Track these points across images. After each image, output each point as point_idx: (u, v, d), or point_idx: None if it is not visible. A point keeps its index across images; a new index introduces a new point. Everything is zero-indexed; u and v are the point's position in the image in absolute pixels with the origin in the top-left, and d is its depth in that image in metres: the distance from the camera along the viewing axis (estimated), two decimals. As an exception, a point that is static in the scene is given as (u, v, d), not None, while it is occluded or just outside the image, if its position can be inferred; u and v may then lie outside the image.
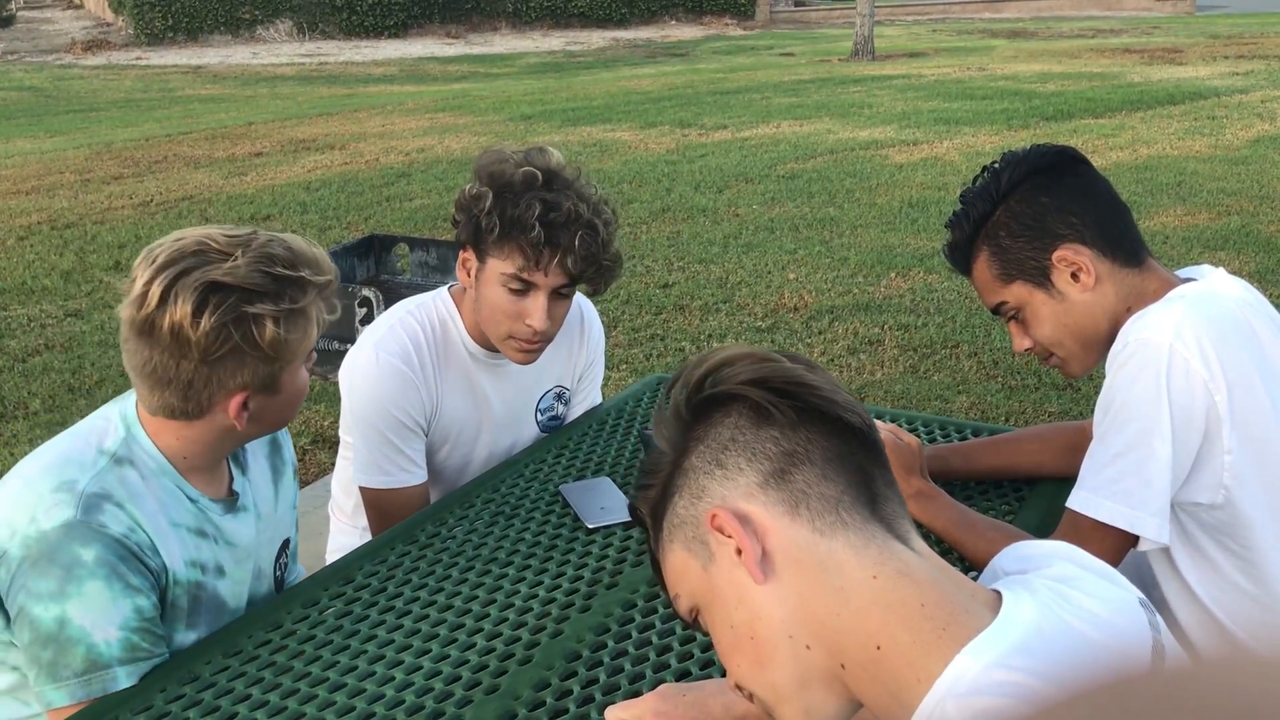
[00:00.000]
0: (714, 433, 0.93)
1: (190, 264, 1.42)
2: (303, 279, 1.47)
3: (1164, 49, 16.61)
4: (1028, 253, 1.59)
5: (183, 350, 1.42)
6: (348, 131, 11.29)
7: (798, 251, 6.33)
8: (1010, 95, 11.92)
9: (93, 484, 1.44)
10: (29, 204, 8.21)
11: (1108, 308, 1.59)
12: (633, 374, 4.59)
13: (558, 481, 1.96)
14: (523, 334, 1.92)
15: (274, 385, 1.50)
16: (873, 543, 0.89)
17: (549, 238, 1.82)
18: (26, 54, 23.19)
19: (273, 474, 1.76)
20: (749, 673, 0.92)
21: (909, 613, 0.86)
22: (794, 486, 0.90)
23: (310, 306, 1.49)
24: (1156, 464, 1.49)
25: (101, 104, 15.59)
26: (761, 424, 0.92)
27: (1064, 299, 1.59)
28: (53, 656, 1.40)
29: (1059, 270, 1.58)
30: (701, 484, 0.93)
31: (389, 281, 5.01)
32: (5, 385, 4.70)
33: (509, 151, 1.91)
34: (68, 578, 1.38)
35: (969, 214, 1.64)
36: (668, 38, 24.54)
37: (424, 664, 1.43)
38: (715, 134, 10.33)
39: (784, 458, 0.91)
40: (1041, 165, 1.60)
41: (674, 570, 0.97)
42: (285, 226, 7.26)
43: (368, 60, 21.15)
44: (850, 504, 0.90)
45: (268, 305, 1.43)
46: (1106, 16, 24.88)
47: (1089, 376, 4.38)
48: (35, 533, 1.39)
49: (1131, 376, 1.50)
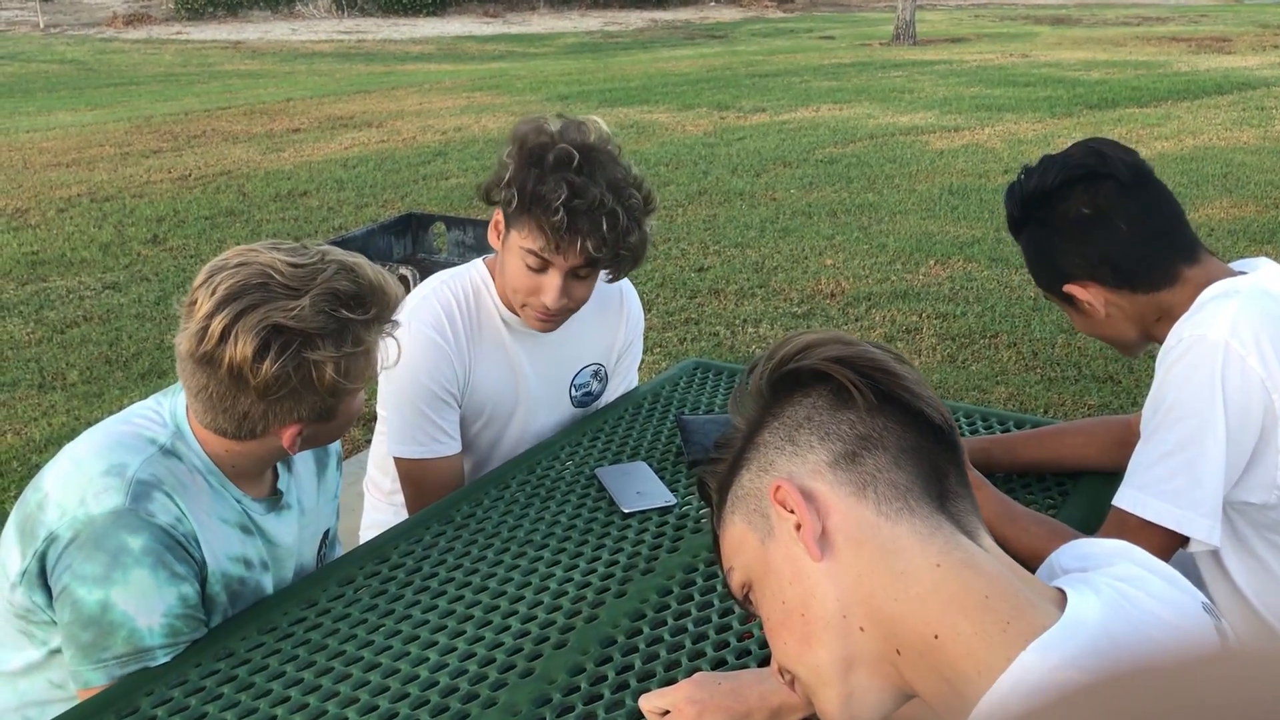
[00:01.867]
0: (790, 410, 0.92)
1: (253, 300, 1.38)
2: (365, 321, 1.44)
3: (1212, 38, 16.34)
4: (1046, 284, 1.65)
5: (241, 388, 1.41)
6: (385, 109, 11.30)
7: (835, 237, 6.28)
8: (1054, 83, 11.77)
9: (143, 470, 1.43)
10: (69, 176, 8.28)
11: (1130, 324, 1.60)
12: (667, 357, 4.57)
13: (594, 464, 1.94)
14: (536, 306, 1.92)
15: (330, 415, 1.50)
16: (938, 533, 0.87)
17: (570, 223, 1.79)
18: (69, 27, 23.37)
19: (317, 466, 1.75)
20: (795, 651, 0.90)
21: (972, 604, 0.83)
22: (863, 469, 0.89)
23: (373, 346, 1.49)
24: (1208, 464, 1.45)
25: (141, 78, 15.69)
26: (840, 406, 0.90)
27: (1089, 317, 1.63)
28: (93, 638, 1.40)
29: (1077, 300, 1.62)
30: (770, 458, 0.92)
31: (425, 260, 5.00)
32: (44, 356, 4.74)
33: (548, 122, 1.88)
34: (114, 564, 1.38)
35: (1009, 212, 1.67)
36: (706, 19, 24.40)
37: (458, 645, 1.42)
38: (753, 117, 10.27)
39: (857, 440, 0.89)
40: (1063, 192, 1.57)
41: (731, 543, 0.95)
42: (322, 203, 7.29)
43: (405, 38, 21.17)
44: (919, 494, 0.88)
45: (330, 351, 1.40)
46: (1153, 4, 24.51)
47: (1129, 369, 4.31)
48: (84, 516, 1.39)
49: (1185, 374, 1.47)
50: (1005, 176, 7.59)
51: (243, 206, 7.25)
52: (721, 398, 2.25)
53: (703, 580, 1.56)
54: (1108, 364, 4.40)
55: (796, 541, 0.89)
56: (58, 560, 1.40)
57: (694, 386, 2.31)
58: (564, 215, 1.78)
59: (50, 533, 1.40)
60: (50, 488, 1.44)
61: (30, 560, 1.42)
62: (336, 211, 7.08)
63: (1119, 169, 1.56)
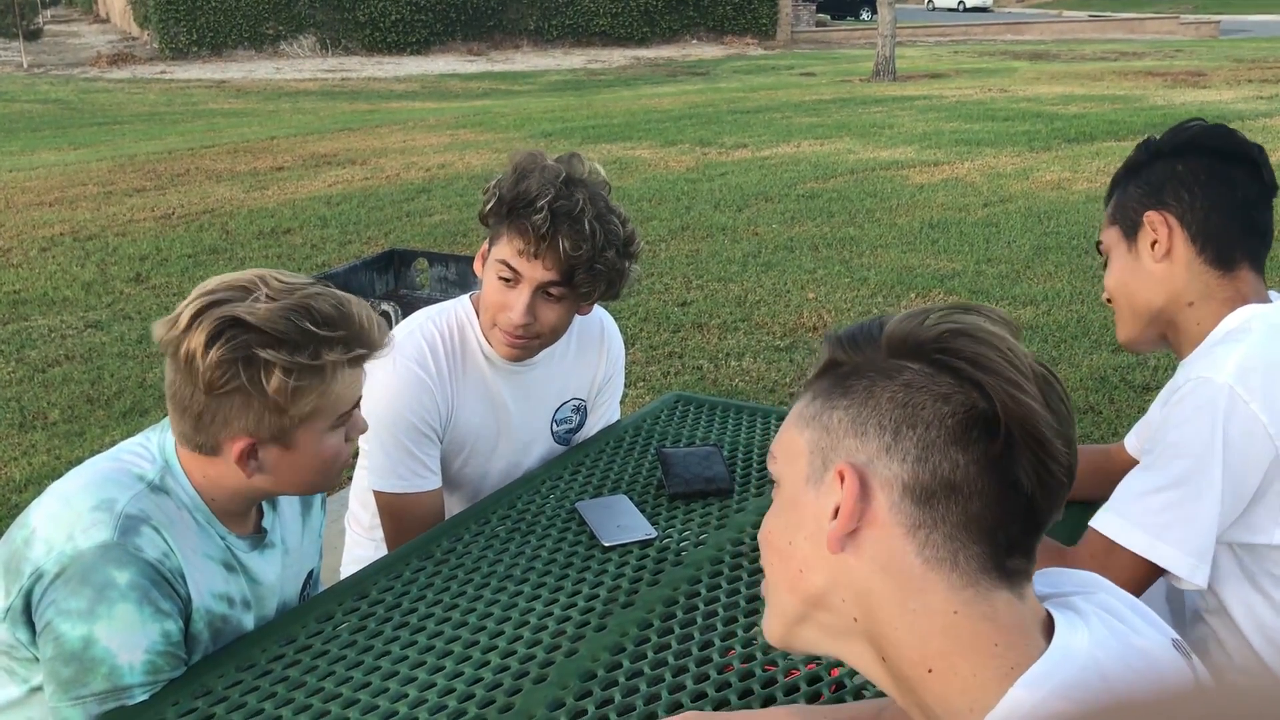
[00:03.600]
0: (917, 397, 0.83)
1: (228, 297, 1.40)
2: (330, 338, 1.42)
3: (1188, 72, 16.56)
4: (1134, 203, 1.62)
5: (191, 379, 1.40)
6: (369, 147, 11.35)
7: (817, 271, 6.32)
8: (1032, 117, 11.90)
9: (131, 505, 1.43)
10: (52, 215, 8.28)
11: (1170, 288, 1.59)
12: (650, 391, 4.58)
13: (574, 498, 1.95)
14: (504, 325, 1.94)
15: (286, 439, 1.46)
16: (971, 588, 0.82)
17: (551, 224, 1.83)
18: (53, 67, 23.43)
19: (302, 506, 1.75)
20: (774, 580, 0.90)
21: (978, 649, 0.81)
22: (930, 514, 0.82)
23: (331, 367, 1.43)
24: (1201, 506, 1.44)
25: (125, 117, 15.73)
26: (961, 436, 0.82)
27: (1136, 259, 1.61)
28: (73, 674, 1.39)
29: (1145, 231, 1.59)
30: (866, 425, 0.84)
31: (408, 296, 5.01)
32: (25, 395, 4.72)
33: (545, 154, 1.96)
34: (99, 599, 1.38)
35: (1130, 160, 1.67)
36: (689, 57, 24.61)
37: (438, 681, 1.41)
38: (735, 153, 10.34)
39: (945, 487, 0.82)
40: (1210, 145, 1.60)
41: (786, 445, 0.91)
42: (305, 241, 7.30)
43: (390, 76, 21.28)
44: (971, 556, 0.82)
45: (281, 354, 1.39)
46: (1130, 39, 24.83)
47: (1110, 399, 4.33)
48: (72, 551, 1.39)
49: (1187, 415, 1.46)
50: (985, 210, 7.67)
51: (226, 244, 7.26)
52: (703, 430, 2.26)
53: (683, 614, 1.56)
54: (1089, 394, 4.43)
55: (828, 516, 0.85)
56: (43, 596, 1.39)
57: (675, 420, 2.32)
58: (547, 214, 1.83)
59: (36, 568, 1.40)
60: (38, 524, 1.43)
61: (15, 597, 1.41)
62: (320, 249, 7.09)
63: (1267, 168, 1.60)
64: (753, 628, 1.52)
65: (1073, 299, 5.66)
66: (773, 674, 1.41)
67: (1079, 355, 4.87)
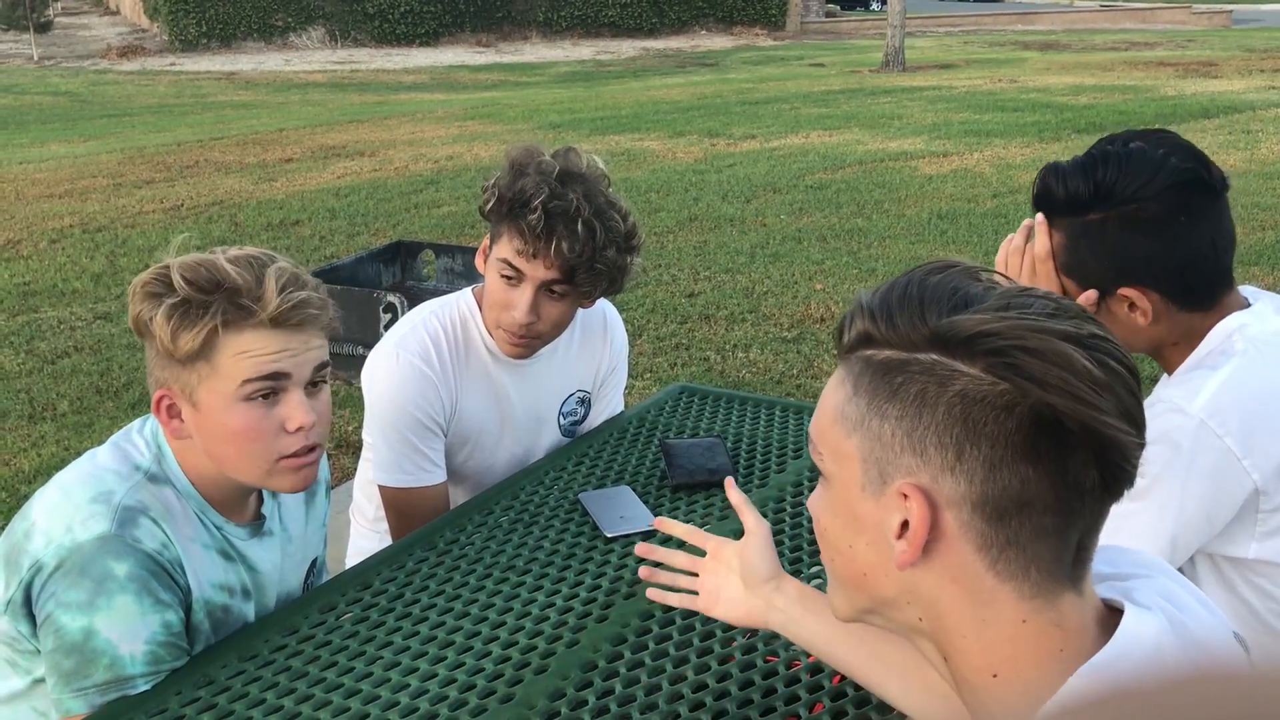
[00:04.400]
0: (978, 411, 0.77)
1: (189, 256, 1.47)
2: (222, 275, 1.41)
3: (1199, 62, 16.48)
4: (1099, 272, 1.49)
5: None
6: (377, 138, 11.36)
7: (825, 262, 6.31)
8: (1042, 108, 11.85)
9: (129, 496, 1.44)
10: (61, 207, 8.30)
11: (1152, 338, 1.52)
12: (656, 383, 4.58)
13: (577, 489, 1.95)
14: (507, 324, 1.93)
15: (192, 396, 1.44)
16: (1041, 596, 0.80)
17: (547, 224, 1.83)
18: (63, 59, 23.48)
19: (306, 493, 1.74)
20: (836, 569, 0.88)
21: (1043, 655, 0.80)
22: (1003, 531, 0.79)
23: (206, 316, 1.40)
24: (1151, 524, 1.41)
25: (135, 109, 15.76)
26: (1030, 450, 0.77)
27: (1111, 318, 1.50)
28: (75, 666, 1.39)
29: (1118, 299, 1.49)
30: (924, 444, 0.79)
31: (414, 287, 5.02)
32: (35, 386, 4.74)
33: (541, 148, 1.94)
34: (98, 590, 1.38)
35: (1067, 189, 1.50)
36: (698, 48, 24.56)
37: (439, 671, 1.42)
38: (743, 144, 10.33)
39: (1015, 504, 0.78)
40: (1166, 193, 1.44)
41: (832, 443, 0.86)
42: (314, 233, 7.31)
43: (399, 68, 21.29)
44: (1044, 566, 0.79)
45: (170, 295, 1.41)
46: (1141, 29, 24.71)
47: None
48: (70, 543, 1.39)
49: (1152, 437, 1.42)
50: (994, 201, 7.64)
51: (235, 236, 7.27)
52: (707, 422, 2.26)
53: (684, 604, 1.56)
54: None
55: (893, 532, 0.82)
56: (42, 588, 1.40)
57: (679, 411, 2.32)
58: (541, 214, 1.82)
59: (36, 561, 1.40)
60: (38, 516, 1.44)
61: (16, 589, 1.42)
62: (328, 240, 7.10)
63: (1218, 179, 1.46)
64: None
65: (1081, 290, 5.64)
66: (774, 665, 1.41)
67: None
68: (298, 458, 1.47)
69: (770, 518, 1.82)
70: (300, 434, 1.46)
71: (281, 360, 1.44)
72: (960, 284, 0.81)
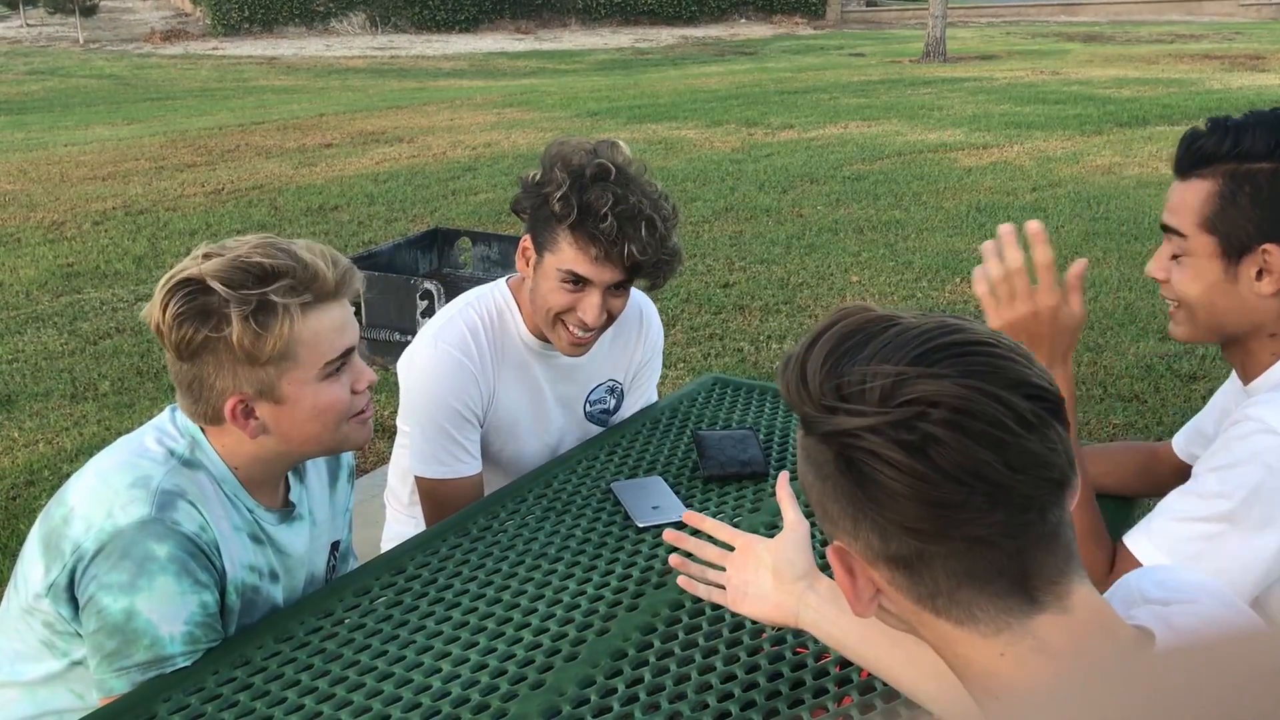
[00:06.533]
0: (849, 464, 0.79)
1: (180, 268, 1.46)
2: (274, 272, 1.43)
3: (1246, 55, 16.22)
4: (1248, 225, 1.43)
5: (168, 347, 1.46)
6: (416, 125, 11.40)
7: (861, 254, 6.28)
8: (1084, 100, 11.72)
9: (167, 480, 1.46)
10: (105, 190, 8.40)
11: (1258, 318, 1.47)
12: (690, 373, 4.59)
13: (610, 479, 1.96)
14: (574, 326, 1.94)
15: (273, 393, 1.48)
16: (1005, 630, 0.79)
17: (620, 232, 1.84)
18: (108, 43, 23.72)
19: (330, 478, 1.77)
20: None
21: (1035, 682, 0.79)
22: (921, 583, 0.80)
23: (283, 305, 1.43)
24: (1237, 549, 1.37)
25: (178, 93, 15.90)
26: (901, 492, 0.77)
27: (1232, 282, 1.46)
28: (117, 646, 1.42)
29: (1253, 258, 1.44)
30: (829, 508, 0.82)
31: (450, 275, 5.04)
32: (77, 366, 4.81)
33: (578, 142, 1.94)
34: (140, 572, 1.41)
35: (1240, 139, 1.45)
36: (737, 36, 24.46)
37: (471, 656, 1.43)
38: (781, 133, 10.28)
39: (916, 555, 0.79)
40: None
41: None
42: (352, 218, 7.36)
43: (438, 54, 21.34)
44: (987, 600, 0.78)
45: (232, 294, 1.41)
46: (1187, 21, 24.36)
47: (1155, 388, 4.27)
48: (111, 528, 1.42)
49: (1240, 457, 1.38)
50: (1034, 194, 7.57)
51: (275, 221, 7.33)
52: (739, 414, 2.26)
53: (714, 595, 1.57)
54: (1133, 383, 4.37)
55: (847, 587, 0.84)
56: (85, 572, 1.43)
57: (712, 402, 2.32)
58: (613, 221, 1.83)
59: (77, 546, 1.43)
60: (75, 502, 1.47)
61: (59, 574, 1.44)
62: (366, 226, 7.15)
63: None
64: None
65: (1120, 286, 5.59)
66: (803, 657, 1.41)
67: (1125, 343, 4.81)
68: (364, 411, 1.59)
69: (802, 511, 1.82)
70: (367, 391, 1.57)
71: (347, 332, 1.53)
72: (843, 371, 0.79)
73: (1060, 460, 0.77)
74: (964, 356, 0.77)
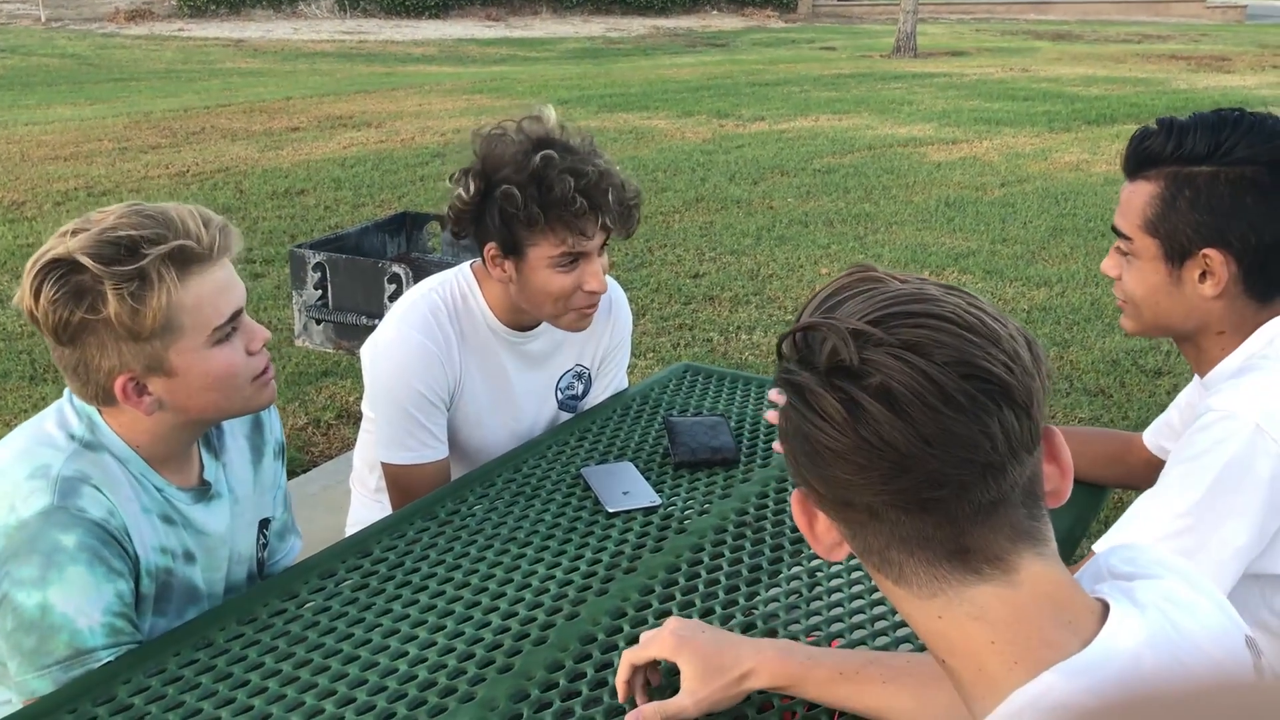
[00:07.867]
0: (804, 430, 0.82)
1: (50, 244, 1.38)
2: (142, 239, 1.36)
3: (1212, 56, 16.40)
4: (1187, 229, 1.45)
5: (45, 331, 1.38)
6: (385, 110, 11.31)
7: (831, 246, 6.29)
8: (1052, 97, 11.80)
9: (67, 466, 1.41)
10: (67, 170, 8.28)
11: (1205, 318, 1.50)
12: (659, 363, 4.58)
13: (580, 464, 1.95)
14: (583, 301, 1.94)
15: (162, 367, 1.41)
16: (940, 595, 0.82)
17: (591, 202, 1.84)
18: (71, 21, 23.37)
19: (252, 453, 1.71)
20: None
21: (973, 650, 0.81)
22: (862, 541, 0.85)
23: (156, 272, 1.36)
24: (1211, 539, 1.38)
25: (142, 74, 15.69)
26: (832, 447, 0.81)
27: (1177, 284, 1.49)
28: (35, 644, 1.37)
29: (1195, 261, 1.46)
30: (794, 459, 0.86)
31: (419, 259, 5.00)
32: (36, 348, 4.74)
33: (500, 134, 1.89)
34: (49, 564, 1.36)
35: (1182, 141, 1.46)
36: (708, 27, 24.45)
37: (438, 640, 1.42)
38: (752, 125, 10.29)
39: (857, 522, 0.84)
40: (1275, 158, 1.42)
41: None
42: (319, 202, 7.29)
43: (407, 40, 21.19)
44: (922, 570, 0.82)
45: (102, 268, 1.33)
46: (1154, 22, 24.59)
47: (1121, 383, 4.31)
48: (15, 522, 1.37)
49: (1205, 447, 1.39)
50: (1002, 190, 7.62)
51: (239, 204, 7.25)
52: (710, 401, 2.25)
53: (684, 580, 1.56)
54: (1099, 377, 4.41)
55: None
56: None
57: (683, 389, 2.31)
58: (582, 202, 1.83)
59: None
60: None
61: None
62: (333, 210, 7.08)
63: None
64: (754, 596, 1.52)
65: (1087, 281, 5.63)
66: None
67: (1091, 338, 4.84)
68: (265, 372, 1.53)
69: (772, 498, 1.82)
70: (263, 351, 1.51)
71: (233, 293, 1.46)
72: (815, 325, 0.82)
73: (993, 445, 0.77)
74: (915, 327, 0.78)
